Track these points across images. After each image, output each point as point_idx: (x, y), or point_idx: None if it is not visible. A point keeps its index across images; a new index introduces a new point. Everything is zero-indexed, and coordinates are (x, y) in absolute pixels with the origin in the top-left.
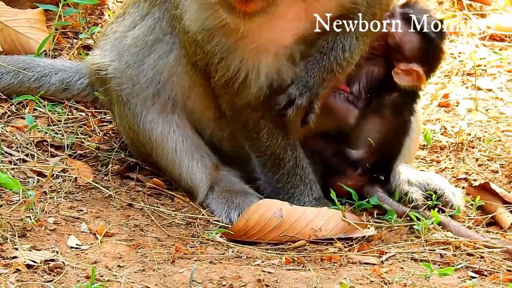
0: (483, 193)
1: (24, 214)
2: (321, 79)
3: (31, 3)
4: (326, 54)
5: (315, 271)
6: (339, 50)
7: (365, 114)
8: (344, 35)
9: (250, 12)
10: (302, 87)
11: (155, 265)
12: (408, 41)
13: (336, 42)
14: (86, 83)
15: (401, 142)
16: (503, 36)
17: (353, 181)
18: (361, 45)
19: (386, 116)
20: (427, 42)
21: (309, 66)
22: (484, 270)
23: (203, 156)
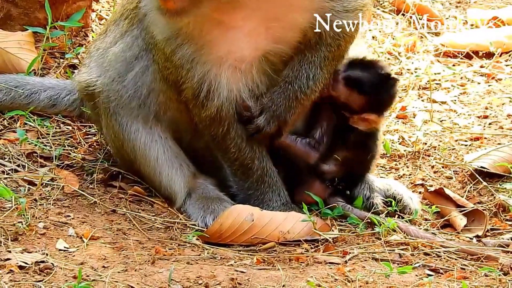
0: (438, 197)
1: (16, 220)
2: (288, 107)
3: (21, 26)
4: (290, 83)
5: (284, 270)
6: (304, 79)
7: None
8: (309, 65)
9: (171, 10)
10: (270, 117)
11: (137, 265)
12: (353, 100)
13: (300, 71)
14: (72, 100)
15: (368, 165)
16: (456, 52)
17: (318, 191)
18: (325, 74)
19: (351, 148)
20: (372, 98)
21: (275, 95)
22: (440, 269)
23: (182, 165)
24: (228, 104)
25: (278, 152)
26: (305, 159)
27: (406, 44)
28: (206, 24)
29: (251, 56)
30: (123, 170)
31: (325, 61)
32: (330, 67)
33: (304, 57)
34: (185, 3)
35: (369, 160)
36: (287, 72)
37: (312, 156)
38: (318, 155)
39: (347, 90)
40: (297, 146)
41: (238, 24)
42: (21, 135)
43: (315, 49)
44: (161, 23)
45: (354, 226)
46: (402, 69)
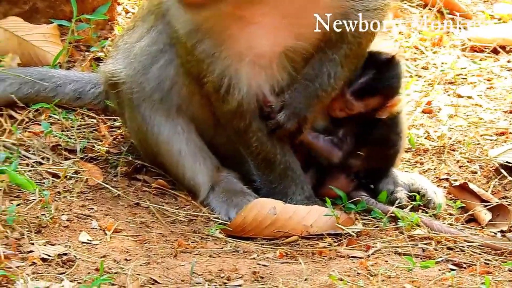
0: (462, 192)
1: (40, 212)
2: (308, 104)
3: (46, 19)
4: (311, 81)
5: (306, 264)
6: (325, 77)
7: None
8: (329, 63)
9: (191, 3)
10: (290, 114)
11: (159, 258)
12: (372, 104)
13: (321, 69)
14: (97, 93)
15: (392, 159)
16: (483, 47)
17: (342, 185)
18: (346, 71)
19: (375, 143)
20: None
21: (296, 92)
22: (463, 263)
23: (205, 159)
24: (248, 98)
25: (301, 148)
26: (328, 158)
27: (433, 39)
28: (227, 20)
29: (271, 52)
30: (147, 163)
31: (346, 59)
32: (351, 64)
33: (325, 54)
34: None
35: (393, 155)
36: (307, 70)
37: (335, 154)
38: (342, 153)
39: (362, 101)
40: (320, 144)
41: (258, 20)
42: (46, 128)
43: (336, 47)
44: (182, 18)
45: (377, 220)
46: (428, 64)
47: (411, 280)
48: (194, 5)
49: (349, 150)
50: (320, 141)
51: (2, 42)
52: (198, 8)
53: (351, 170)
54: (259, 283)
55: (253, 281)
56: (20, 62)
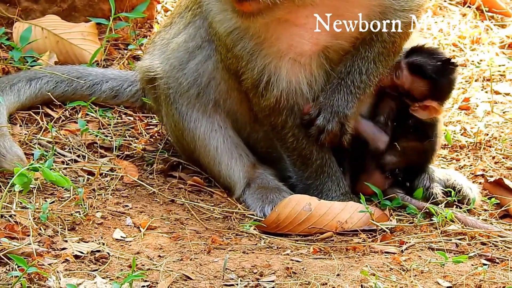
0: (498, 188)
1: (74, 210)
2: (344, 101)
3: (85, 17)
4: (343, 78)
5: (340, 260)
6: (356, 74)
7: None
8: (362, 60)
9: (246, 12)
10: (328, 114)
11: (192, 255)
12: (417, 87)
13: (353, 66)
14: (134, 91)
15: (428, 156)
16: None
17: (378, 181)
18: (379, 68)
19: (412, 138)
20: (435, 84)
21: (329, 92)
22: (496, 258)
23: (241, 155)
24: (286, 95)
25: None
26: (375, 142)
27: (472, 36)
28: (273, 22)
29: (311, 50)
30: (183, 160)
31: (379, 57)
32: (385, 62)
33: (358, 52)
34: (262, 6)
35: (430, 151)
36: (340, 68)
37: (382, 138)
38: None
39: (411, 76)
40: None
41: (303, 21)
42: (82, 126)
43: (369, 45)
44: (226, 20)
45: (412, 216)
46: (467, 61)
47: (443, 275)
48: (250, 14)
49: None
50: (366, 124)
51: (40, 40)
52: (254, 17)
53: (386, 167)
54: (292, 278)
55: (285, 276)
56: (58, 60)
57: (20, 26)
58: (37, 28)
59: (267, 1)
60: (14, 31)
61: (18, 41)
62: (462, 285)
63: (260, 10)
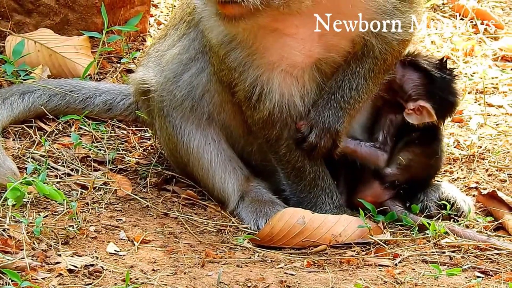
0: (491, 200)
1: (67, 224)
2: (335, 117)
3: (77, 30)
4: (333, 93)
5: (333, 273)
6: (346, 89)
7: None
8: (352, 75)
9: (229, 15)
10: (320, 131)
11: (186, 268)
12: (409, 80)
13: (344, 81)
14: (127, 104)
15: (433, 174)
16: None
17: (376, 193)
18: (369, 85)
19: (420, 154)
20: (427, 78)
21: (320, 108)
22: (489, 271)
23: (235, 168)
24: (280, 107)
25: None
26: (374, 162)
27: (465, 49)
28: (261, 31)
29: (303, 62)
30: (176, 173)
31: (370, 73)
32: (375, 79)
33: (349, 67)
34: (244, 11)
35: (435, 168)
36: (330, 83)
37: (381, 158)
38: (386, 155)
39: (403, 69)
40: (362, 150)
41: (292, 31)
42: (75, 140)
43: (361, 61)
44: (216, 27)
45: (406, 229)
46: (460, 73)
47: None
48: (232, 18)
49: (391, 152)
50: (364, 147)
51: (32, 54)
52: (236, 22)
53: (386, 179)
54: None
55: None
56: (51, 74)
57: (13, 39)
58: (30, 42)
59: (249, 6)
60: (7, 45)
61: (11, 55)
62: None
63: (242, 14)
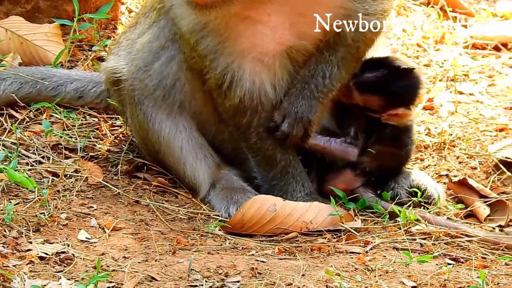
0: (462, 188)
1: (38, 211)
2: (308, 106)
3: (49, 18)
4: (307, 82)
5: (304, 260)
6: (319, 78)
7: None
8: (325, 64)
9: (200, 3)
10: (292, 120)
11: (158, 256)
12: (372, 102)
13: (317, 70)
14: (99, 92)
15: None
16: (485, 44)
17: (348, 180)
18: (342, 74)
19: (389, 145)
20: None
21: (293, 97)
22: (460, 258)
23: (206, 156)
24: (250, 95)
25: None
26: (345, 158)
27: (435, 37)
28: (233, 18)
29: (274, 50)
30: (147, 161)
31: (343, 61)
32: (349, 67)
33: (322, 56)
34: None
35: (404, 156)
36: (303, 71)
37: (351, 153)
38: (357, 150)
39: (361, 95)
40: (332, 146)
41: (264, 19)
42: (47, 127)
43: (333, 49)
44: (187, 15)
45: (377, 217)
46: (431, 61)
47: (408, 275)
48: (204, 6)
49: (363, 146)
50: (333, 144)
51: (3, 41)
52: (207, 10)
53: (357, 166)
54: (257, 279)
55: (251, 277)
56: (22, 62)
57: None
58: (1, 30)
59: None
60: None
61: None
62: (427, 284)
63: (214, 3)
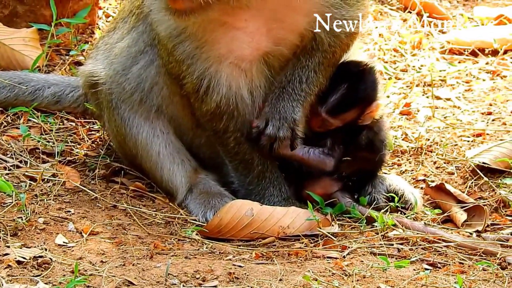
0: (439, 193)
1: (16, 215)
2: (290, 106)
3: (26, 23)
4: (284, 87)
5: (282, 265)
6: (297, 83)
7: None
8: (302, 69)
9: (179, 9)
10: (277, 122)
11: (135, 260)
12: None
13: (294, 75)
14: (76, 96)
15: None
16: (462, 50)
17: (325, 185)
18: (319, 78)
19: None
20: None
21: (273, 102)
22: (437, 263)
23: (183, 161)
24: (227, 100)
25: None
26: (321, 168)
27: (412, 42)
28: (211, 24)
29: (251, 55)
30: (125, 165)
31: (320, 66)
32: (325, 72)
33: (299, 61)
34: (194, 5)
35: (379, 160)
36: (281, 77)
37: (328, 164)
38: (334, 161)
39: (337, 118)
40: (311, 157)
41: (241, 25)
42: (24, 131)
43: (310, 54)
44: (165, 21)
45: (355, 222)
46: (408, 66)
47: (385, 280)
48: (182, 13)
49: (340, 156)
50: (311, 155)
51: None
52: (186, 15)
53: (334, 171)
54: (234, 283)
55: (228, 281)
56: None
57: None
58: None
59: (200, 0)
60: None
61: None
62: None
63: (193, 9)
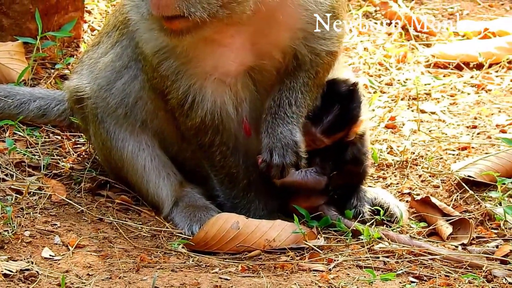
0: (424, 206)
1: (2, 228)
2: (288, 131)
3: (12, 36)
4: (275, 112)
5: (268, 278)
6: (286, 106)
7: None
8: (289, 91)
9: (175, 30)
10: (280, 150)
11: (121, 273)
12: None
13: (281, 98)
14: (62, 109)
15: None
16: (447, 63)
17: (311, 199)
18: (307, 99)
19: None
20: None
21: (269, 130)
22: (423, 276)
23: (169, 174)
24: (211, 115)
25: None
26: (316, 188)
27: (397, 55)
28: (199, 42)
29: (236, 70)
30: (111, 178)
31: (306, 87)
32: (311, 93)
33: (283, 84)
34: (190, 24)
35: (362, 173)
36: (268, 103)
37: (322, 182)
38: (326, 178)
39: (331, 137)
40: (308, 180)
41: (228, 41)
42: (10, 145)
43: (293, 76)
44: (153, 40)
45: (340, 235)
46: (393, 80)
47: None
48: (178, 33)
49: (330, 173)
50: (308, 177)
51: None
52: (182, 35)
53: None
54: None
55: None
56: None
57: None
58: None
59: (196, 19)
60: None
61: None
62: None
63: (189, 28)
